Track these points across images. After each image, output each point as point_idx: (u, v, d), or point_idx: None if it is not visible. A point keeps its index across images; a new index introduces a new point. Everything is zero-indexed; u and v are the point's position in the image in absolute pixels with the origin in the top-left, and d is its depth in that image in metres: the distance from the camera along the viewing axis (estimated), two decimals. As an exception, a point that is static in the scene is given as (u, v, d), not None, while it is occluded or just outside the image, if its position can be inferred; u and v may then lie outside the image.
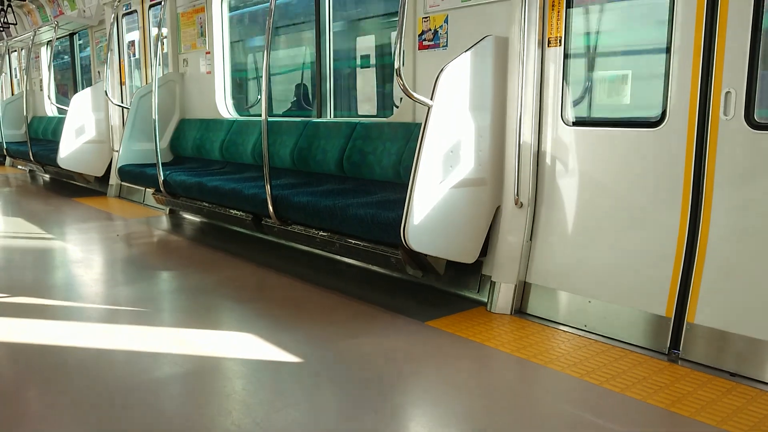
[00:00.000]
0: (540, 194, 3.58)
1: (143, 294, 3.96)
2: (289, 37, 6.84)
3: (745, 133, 2.75)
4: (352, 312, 3.61)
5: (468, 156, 3.46)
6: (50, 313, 3.58)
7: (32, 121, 10.87)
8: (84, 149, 7.96)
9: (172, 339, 3.17)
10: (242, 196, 4.55)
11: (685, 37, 2.92)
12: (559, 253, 3.47)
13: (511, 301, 3.56)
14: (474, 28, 3.80)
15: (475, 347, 3.08)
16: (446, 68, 3.30)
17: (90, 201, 7.84)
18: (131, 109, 6.50)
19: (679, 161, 2.98)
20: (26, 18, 11.38)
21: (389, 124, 4.40)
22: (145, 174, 5.98)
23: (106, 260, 4.85)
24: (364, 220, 3.54)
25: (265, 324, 3.39)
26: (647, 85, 3.20)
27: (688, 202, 2.96)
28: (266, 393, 2.60)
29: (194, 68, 6.74)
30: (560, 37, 3.41)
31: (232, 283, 4.19)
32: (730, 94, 2.77)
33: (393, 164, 4.20)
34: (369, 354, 2.98)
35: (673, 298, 2.99)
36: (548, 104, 3.49)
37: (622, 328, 3.14)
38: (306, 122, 5.19)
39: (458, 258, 3.57)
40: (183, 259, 4.89)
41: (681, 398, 2.52)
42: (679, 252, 2.99)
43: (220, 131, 6.11)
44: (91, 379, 2.69)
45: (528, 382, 2.72)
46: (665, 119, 3.01)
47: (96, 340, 3.13)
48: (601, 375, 2.74)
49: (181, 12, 6.85)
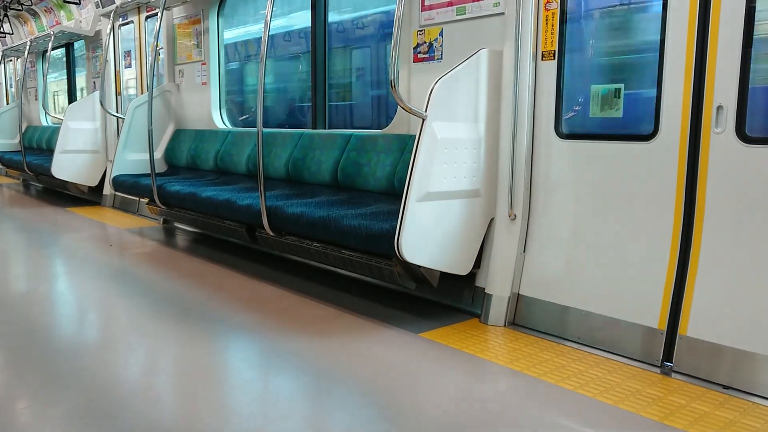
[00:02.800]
0: (534, 207, 3.59)
1: (131, 304, 3.94)
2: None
3: (736, 147, 2.77)
4: (345, 323, 3.60)
5: (462, 168, 3.47)
6: (36, 322, 3.56)
7: (27, 130, 10.86)
8: (78, 159, 7.95)
9: (162, 349, 3.15)
10: (236, 206, 4.55)
11: (677, 51, 2.95)
12: (553, 266, 3.48)
13: (504, 313, 3.56)
14: (468, 41, 3.83)
15: (469, 359, 3.07)
16: (440, 81, 3.32)
17: (84, 211, 7.82)
18: (126, 119, 6.50)
19: (671, 175, 3.00)
20: (22, 28, 11.40)
21: (384, 135, 4.42)
22: (139, 184, 5.98)
23: (96, 270, 4.82)
24: (358, 231, 3.54)
25: (256, 336, 3.38)
26: (640, 99, 3.23)
27: (680, 215, 2.98)
28: (258, 404, 2.58)
29: (190, 79, 6.76)
30: (554, 51, 3.44)
31: (224, 294, 4.18)
32: (722, 109, 2.80)
33: (387, 176, 4.21)
34: (362, 365, 2.97)
35: (665, 310, 3.00)
36: (542, 117, 3.52)
37: (616, 341, 3.14)
38: (301, 133, 5.20)
39: (452, 270, 3.57)
40: (174, 270, 4.88)
41: (674, 411, 2.52)
42: (672, 265, 3.00)
43: (215, 142, 6.12)
44: (78, 380, 2.68)
45: (522, 395, 2.71)
46: (657, 133, 3.04)
47: (88, 349, 3.12)
48: (595, 388, 2.74)
49: (177, 23, 6.88)
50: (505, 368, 2.97)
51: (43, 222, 7.14)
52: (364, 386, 2.75)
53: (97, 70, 8.64)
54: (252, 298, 4.12)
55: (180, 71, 6.90)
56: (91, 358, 3.03)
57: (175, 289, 4.32)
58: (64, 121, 7.85)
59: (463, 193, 3.51)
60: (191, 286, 4.38)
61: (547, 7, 3.45)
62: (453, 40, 3.96)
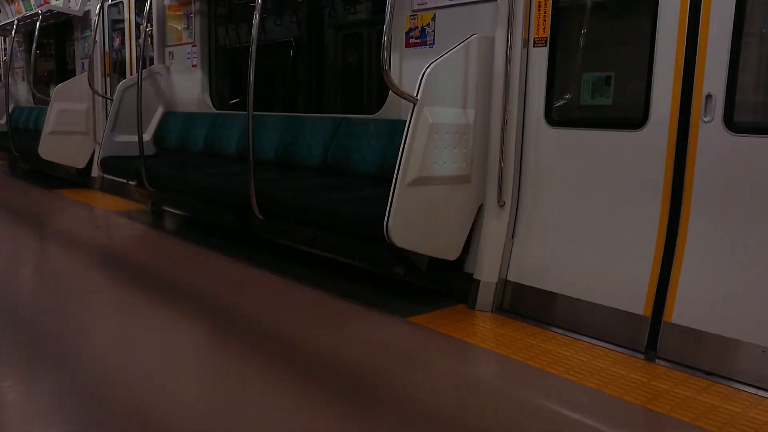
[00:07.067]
0: (523, 194, 3.60)
1: (118, 285, 3.92)
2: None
3: (725, 136, 2.79)
4: (333, 308, 3.60)
5: (452, 154, 3.47)
6: (20, 302, 3.54)
7: (14, 110, 10.73)
8: (66, 140, 7.86)
9: (147, 330, 3.15)
10: (225, 190, 4.52)
11: (667, 40, 2.95)
12: (541, 252, 3.50)
13: (492, 299, 3.58)
14: (461, 27, 3.81)
15: (457, 344, 3.09)
16: (432, 66, 3.31)
17: (71, 193, 7.75)
18: (114, 101, 6.43)
19: (659, 163, 3.01)
20: (9, 7, 11.22)
21: (374, 120, 4.41)
22: (128, 166, 5.93)
23: (83, 252, 4.79)
24: (347, 215, 3.53)
25: (242, 320, 3.38)
26: (629, 87, 3.23)
27: (668, 204, 3.00)
28: (244, 389, 2.59)
29: (180, 61, 6.69)
30: (546, 38, 3.43)
31: (212, 277, 4.17)
32: (711, 97, 2.81)
33: (377, 160, 4.20)
34: (350, 350, 2.98)
35: (651, 297, 3.02)
36: (532, 104, 3.52)
37: (601, 327, 3.17)
38: (291, 117, 5.17)
39: (440, 255, 3.58)
40: (162, 253, 4.86)
41: (657, 396, 2.55)
42: (658, 252, 3.03)
43: (205, 125, 6.07)
44: (63, 360, 2.67)
45: (508, 379, 2.73)
46: (647, 121, 3.05)
47: (68, 331, 3.11)
48: (580, 372, 2.77)
49: (167, 4, 6.80)
50: (492, 353, 2.99)
51: (30, 203, 7.08)
52: (351, 369, 2.76)
53: (86, 51, 8.53)
54: (240, 282, 4.12)
55: (170, 53, 6.83)
56: (75, 339, 3.02)
57: (162, 270, 4.30)
58: (52, 101, 7.76)
59: (453, 179, 3.51)
60: (178, 269, 4.37)
61: (540, -6, 3.44)
62: (445, 26, 3.95)
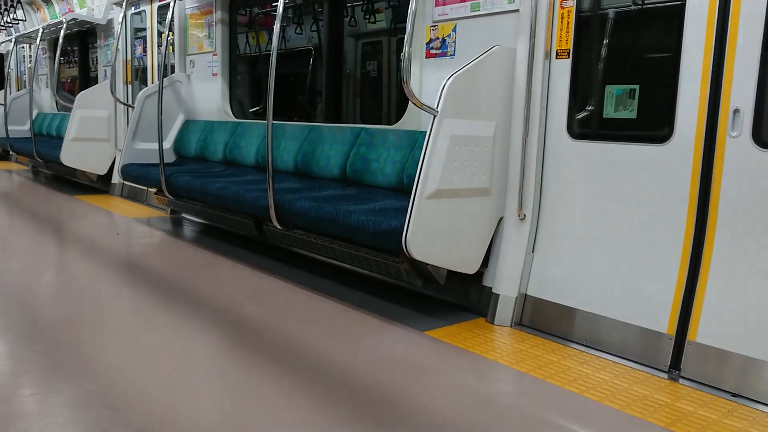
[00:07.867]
0: (544, 207, 3.56)
1: (136, 293, 3.93)
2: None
3: (752, 151, 2.73)
4: (351, 320, 3.58)
5: (472, 166, 3.44)
6: (38, 311, 3.56)
7: (37, 117, 10.89)
8: (87, 147, 7.96)
9: (166, 340, 3.15)
10: (244, 199, 4.53)
11: (694, 53, 2.90)
12: (561, 267, 3.45)
13: (511, 314, 3.53)
14: (482, 38, 3.79)
15: (474, 359, 3.05)
16: (453, 77, 3.29)
17: (92, 199, 7.83)
18: (136, 108, 6.49)
19: (685, 178, 2.95)
20: (35, 14, 11.42)
21: (394, 131, 4.39)
22: (148, 174, 5.97)
23: (102, 259, 4.83)
24: (366, 227, 3.51)
25: (258, 330, 3.36)
26: (654, 101, 3.18)
27: (693, 220, 2.94)
28: (258, 400, 2.57)
29: (201, 69, 6.74)
30: (568, 50, 3.40)
31: (230, 287, 4.17)
32: (739, 112, 2.75)
33: (396, 171, 4.18)
34: (368, 364, 2.95)
35: (675, 315, 2.96)
36: (554, 117, 3.48)
37: (624, 344, 3.11)
38: (311, 127, 5.17)
39: (459, 268, 3.54)
40: (181, 261, 4.87)
41: (681, 417, 2.48)
42: (683, 270, 2.97)
43: (225, 133, 6.10)
44: (81, 369, 2.68)
45: (527, 397, 2.69)
46: (672, 135, 3.00)
47: (84, 338, 3.11)
48: (601, 391, 2.71)
49: (189, 13, 6.86)
50: (511, 369, 2.94)
51: (51, 209, 7.15)
52: (368, 382, 2.73)
53: (109, 59, 8.64)
54: (258, 291, 4.11)
55: (191, 62, 6.89)
56: (93, 349, 3.03)
57: (180, 279, 4.31)
58: (74, 108, 7.86)
59: (473, 192, 3.48)
60: (197, 277, 4.37)
61: (563, 5, 3.41)
62: (466, 37, 3.93)
